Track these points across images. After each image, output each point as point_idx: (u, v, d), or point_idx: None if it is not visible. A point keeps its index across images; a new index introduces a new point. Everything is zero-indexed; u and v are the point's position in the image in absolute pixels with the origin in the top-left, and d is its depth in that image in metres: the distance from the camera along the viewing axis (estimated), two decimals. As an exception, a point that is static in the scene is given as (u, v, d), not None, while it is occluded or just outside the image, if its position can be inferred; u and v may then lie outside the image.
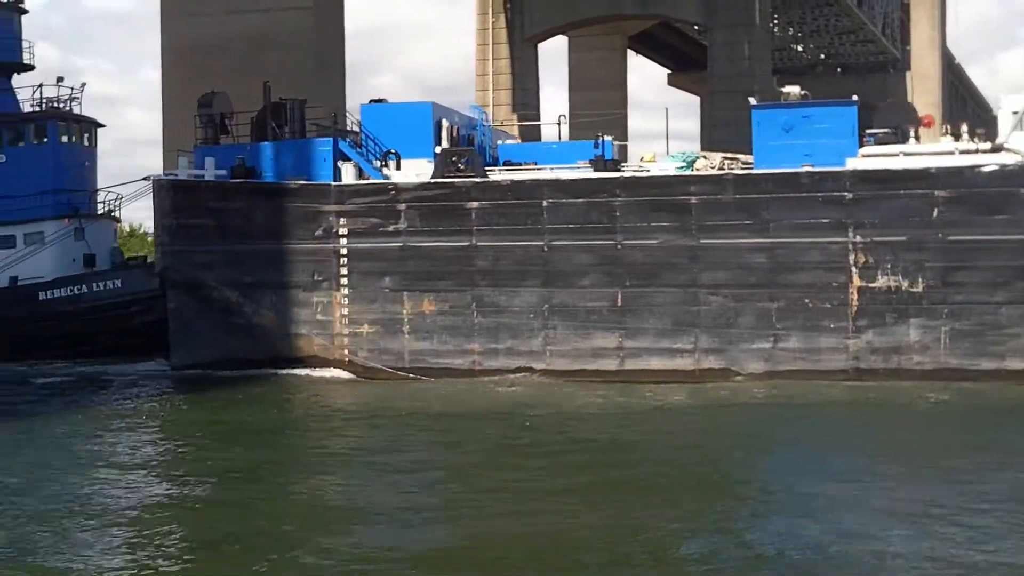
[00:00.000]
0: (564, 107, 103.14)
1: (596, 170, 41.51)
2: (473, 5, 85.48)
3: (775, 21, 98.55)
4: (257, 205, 42.24)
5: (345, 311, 41.98)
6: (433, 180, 41.58)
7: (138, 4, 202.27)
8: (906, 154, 39.19)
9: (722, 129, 78.06)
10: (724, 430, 32.43)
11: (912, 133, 40.08)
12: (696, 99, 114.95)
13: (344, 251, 41.92)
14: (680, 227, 39.79)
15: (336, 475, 27.01)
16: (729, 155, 43.09)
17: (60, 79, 46.73)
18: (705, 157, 42.41)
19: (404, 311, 41.64)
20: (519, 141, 50.26)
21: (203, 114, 43.44)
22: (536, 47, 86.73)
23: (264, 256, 42.25)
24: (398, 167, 42.38)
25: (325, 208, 41.93)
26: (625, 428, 32.45)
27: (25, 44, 47.38)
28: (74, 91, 46.66)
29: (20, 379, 42.77)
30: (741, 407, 35.39)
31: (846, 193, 38.65)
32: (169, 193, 42.83)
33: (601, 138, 42.99)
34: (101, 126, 48.03)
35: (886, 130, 40.54)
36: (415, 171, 42.22)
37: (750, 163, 41.31)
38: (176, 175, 43.00)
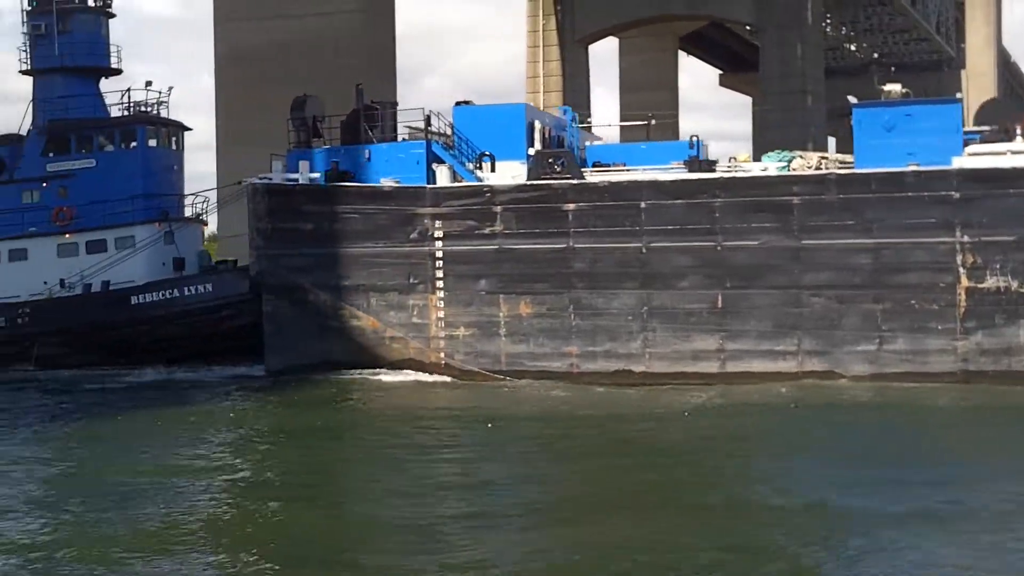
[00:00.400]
0: (615, 109, 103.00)
1: (691, 171, 41.14)
2: (522, 8, 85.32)
3: (828, 20, 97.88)
4: (352, 208, 42.04)
5: (441, 314, 41.74)
6: (529, 182, 41.29)
7: (184, 10, 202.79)
8: (1014, 152, 38.69)
9: (774, 130, 77.55)
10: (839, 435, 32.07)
11: (1019, 131, 39.55)
12: (747, 99, 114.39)
13: (440, 253, 41.69)
14: (782, 228, 39.38)
15: (417, 479, 26.59)
16: (825, 155, 42.74)
17: (149, 83, 46.67)
18: (802, 156, 42.00)
19: (501, 314, 41.38)
20: (604, 142, 49.90)
21: (296, 118, 43.26)
22: (587, 48, 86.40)
23: (359, 259, 42.09)
24: (492, 169, 42.10)
25: (420, 211, 41.71)
26: (726, 431, 32.12)
27: (113, 48, 47.33)
28: (161, 95, 46.55)
29: (116, 381, 42.86)
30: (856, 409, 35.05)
31: (953, 192, 38.16)
32: (264, 197, 42.66)
33: (696, 139, 42.74)
34: (188, 129, 47.94)
35: (989, 128, 40.09)
36: (509, 173, 41.95)
37: (848, 162, 40.92)
38: (270, 179, 42.84)
